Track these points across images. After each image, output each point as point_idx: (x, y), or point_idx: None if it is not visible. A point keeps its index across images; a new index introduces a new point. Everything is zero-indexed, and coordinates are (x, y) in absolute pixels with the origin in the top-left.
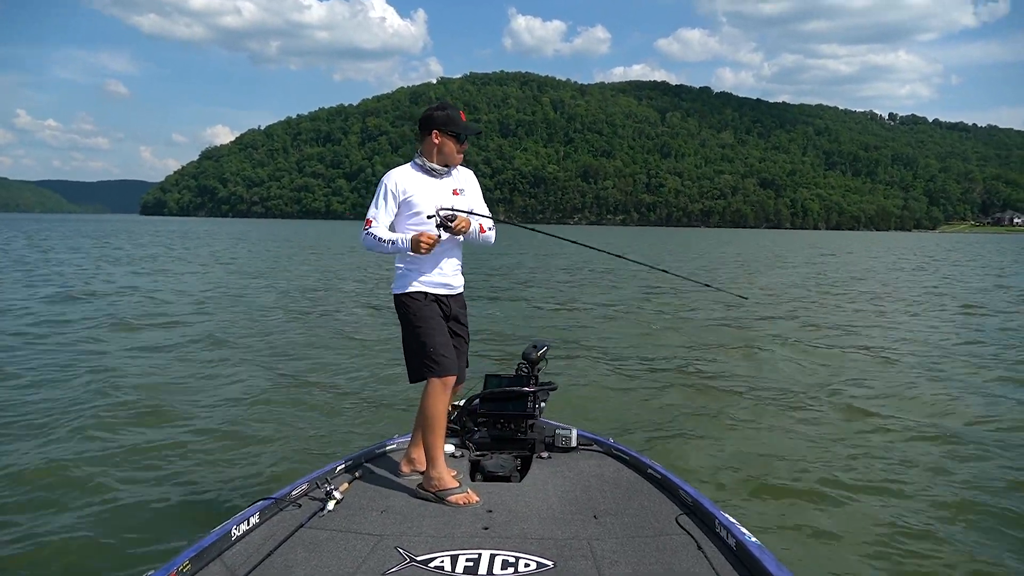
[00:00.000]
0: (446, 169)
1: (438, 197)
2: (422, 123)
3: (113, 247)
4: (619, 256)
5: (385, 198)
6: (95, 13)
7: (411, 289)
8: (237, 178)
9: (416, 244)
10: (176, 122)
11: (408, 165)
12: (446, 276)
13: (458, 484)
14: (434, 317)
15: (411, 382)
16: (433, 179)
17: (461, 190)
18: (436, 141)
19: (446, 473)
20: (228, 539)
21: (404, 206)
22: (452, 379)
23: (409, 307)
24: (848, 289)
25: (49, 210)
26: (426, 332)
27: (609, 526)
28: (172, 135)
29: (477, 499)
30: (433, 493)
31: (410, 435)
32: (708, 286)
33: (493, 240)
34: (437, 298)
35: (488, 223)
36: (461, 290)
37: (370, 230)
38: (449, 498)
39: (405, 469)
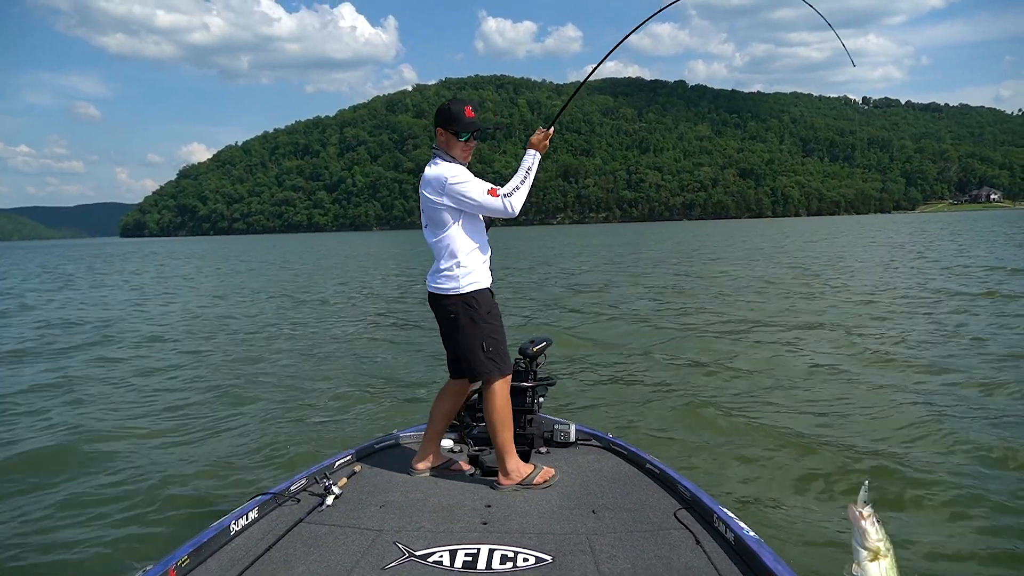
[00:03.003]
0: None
1: None
2: (436, 119)
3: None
4: None
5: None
6: (59, 35)
7: (482, 286)
8: (217, 195)
9: (542, 146)
10: (151, 142)
11: (440, 162)
12: (490, 270)
13: (533, 466)
14: (500, 315)
15: (471, 381)
16: None
17: None
18: (441, 138)
19: (520, 461)
20: (227, 534)
21: (456, 200)
22: (511, 376)
23: (481, 304)
24: (852, 280)
25: (26, 237)
26: (496, 330)
27: (608, 521)
28: (147, 155)
29: (552, 471)
30: (520, 484)
31: (410, 431)
32: None
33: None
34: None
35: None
36: None
37: (502, 191)
38: (536, 479)
39: (420, 466)
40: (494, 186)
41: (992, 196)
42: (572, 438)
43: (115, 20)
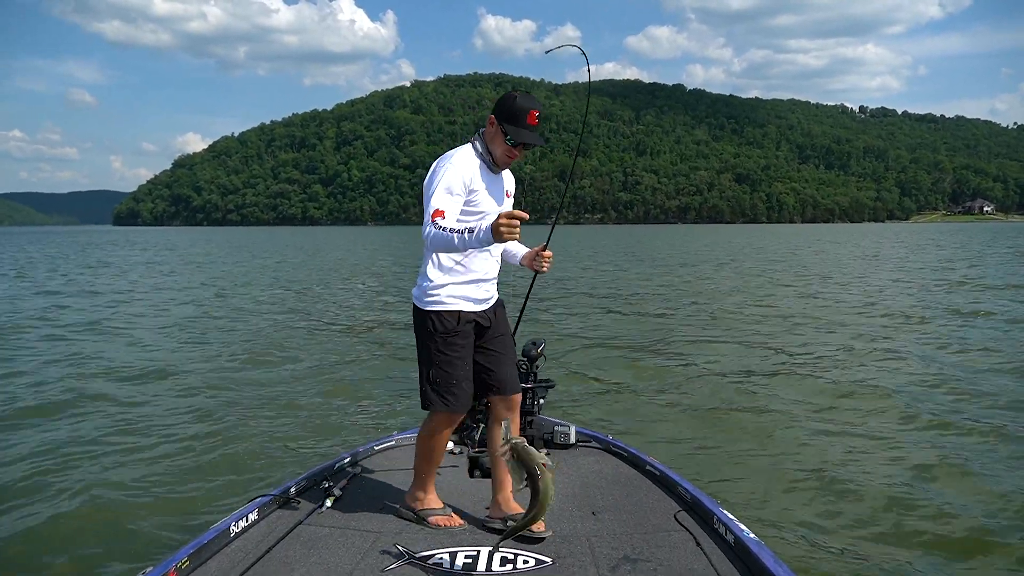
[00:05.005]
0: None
1: (496, 200)
2: (496, 104)
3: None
4: None
5: (456, 188)
6: (55, 21)
7: (446, 307)
8: (211, 186)
9: (498, 231)
10: (146, 131)
11: (468, 148)
12: (487, 288)
13: (441, 504)
14: (464, 345)
15: (423, 408)
16: (494, 175)
17: (510, 193)
18: (491, 128)
19: (432, 493)
20: (227, 536)
21: (466, 203)
22: (461, 416)
23: (438, 327)
24: (851, 282)
25: (18, 223)
26: (449, 362)
27: (608, 523)
28: (142, 144)
29: (461, 522)
30: (414, 512)
31: (409, 432)
32: None
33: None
34: (473, 317)
35: None
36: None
37: (440, 222)
38: (431, 518)
39: None
40: (443, 210)
41: (985, 208)
42: (572, 440)
43: (112, 7)
